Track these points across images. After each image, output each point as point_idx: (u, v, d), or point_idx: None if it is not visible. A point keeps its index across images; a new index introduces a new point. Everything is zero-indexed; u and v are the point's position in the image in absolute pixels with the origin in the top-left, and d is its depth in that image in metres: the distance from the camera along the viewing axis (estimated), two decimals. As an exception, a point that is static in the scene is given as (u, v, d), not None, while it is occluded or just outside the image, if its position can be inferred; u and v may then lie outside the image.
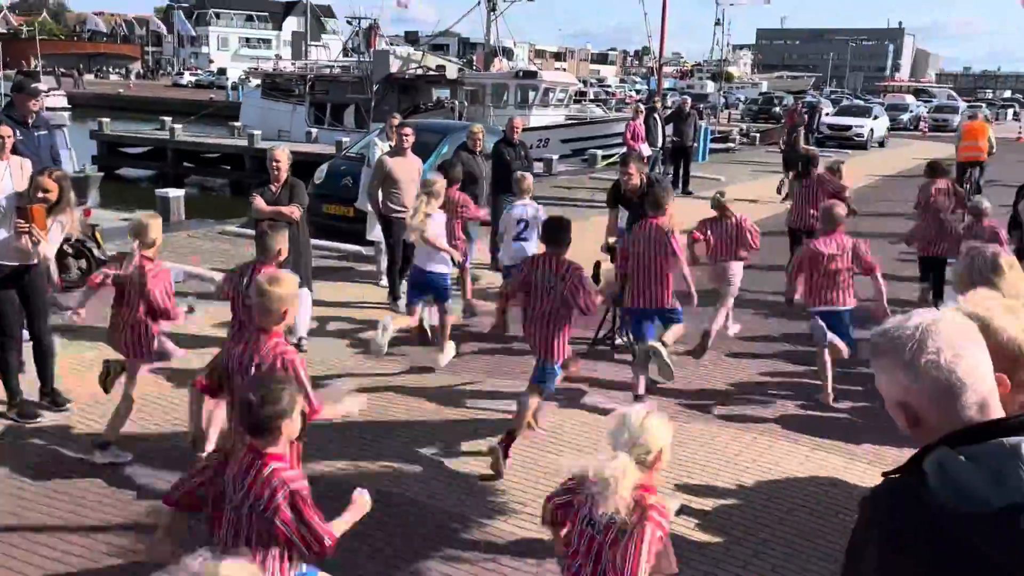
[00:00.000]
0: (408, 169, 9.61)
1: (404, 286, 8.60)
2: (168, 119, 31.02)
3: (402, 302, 9.27)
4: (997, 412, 1.65)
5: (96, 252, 9.32)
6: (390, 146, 10.14)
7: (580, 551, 3.11)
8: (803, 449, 6.29)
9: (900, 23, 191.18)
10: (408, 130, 9.79)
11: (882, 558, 1.63)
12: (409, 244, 9.50)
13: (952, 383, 1.61)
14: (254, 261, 5.78)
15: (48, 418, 6.19)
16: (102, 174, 15.34)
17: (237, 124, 30.70)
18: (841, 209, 7.31)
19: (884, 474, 1.71)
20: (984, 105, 55.52)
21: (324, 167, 14.17)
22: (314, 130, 28.00)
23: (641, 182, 8.29)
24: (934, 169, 10.30)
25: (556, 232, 5.88)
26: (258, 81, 35.92)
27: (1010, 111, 63.59)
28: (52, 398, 6.37)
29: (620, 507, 2.95)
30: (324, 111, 28.95)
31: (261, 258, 5.66)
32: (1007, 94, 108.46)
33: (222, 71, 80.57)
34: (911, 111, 48.43)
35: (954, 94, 70.41)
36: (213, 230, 13.28)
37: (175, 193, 14.81)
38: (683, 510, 5.18)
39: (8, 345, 6.23)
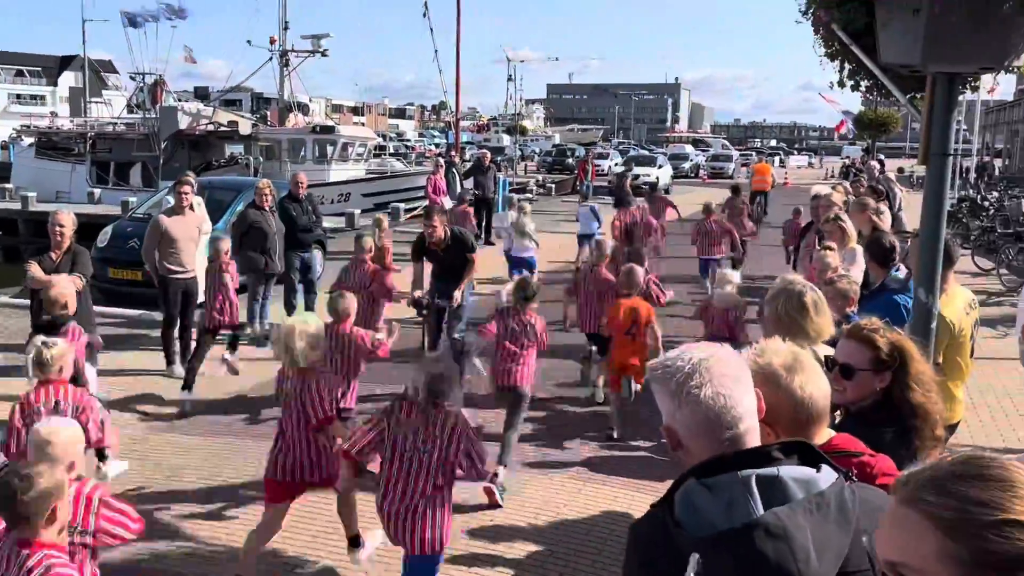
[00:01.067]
0: (187, 228, 9.30)
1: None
2: (-77, 182, 28.32)
3: (177, 367, 8.87)
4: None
5: None
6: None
7: None
8: (608, 489, 6.45)
9: (677, 78, 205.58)
10: (187, 188, 9.43)
11: None
12: (188, 306, 9.13)
13: (709, 417, 1.74)
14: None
15: None
16: None
17: (8, 186, 28.47)
18: None
19: (652, 505, 1.78)
20: (754, 153, 60.50)
21: (108, 229, 13.39)
22: (97, 190, 26.42)
23: (445, 234, 8.41)
24: (736, 190, 15.78)
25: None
26: (32, 139, 33.55)
27: (776, 158, 69.61)
28: None
29: None
30: (107, 170, 27.42)
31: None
32: (773, 143, 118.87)
33: (-11, 129, 74.66)
34: (691, 160, 51.96)
35: (727, 143, 76.27)
36: (-18, 302, 12.16)
37: (-66, 263, 13.48)
38: (497, 561, 5.18)
39: None
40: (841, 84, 4.81)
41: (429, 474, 4.21)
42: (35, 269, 7.15)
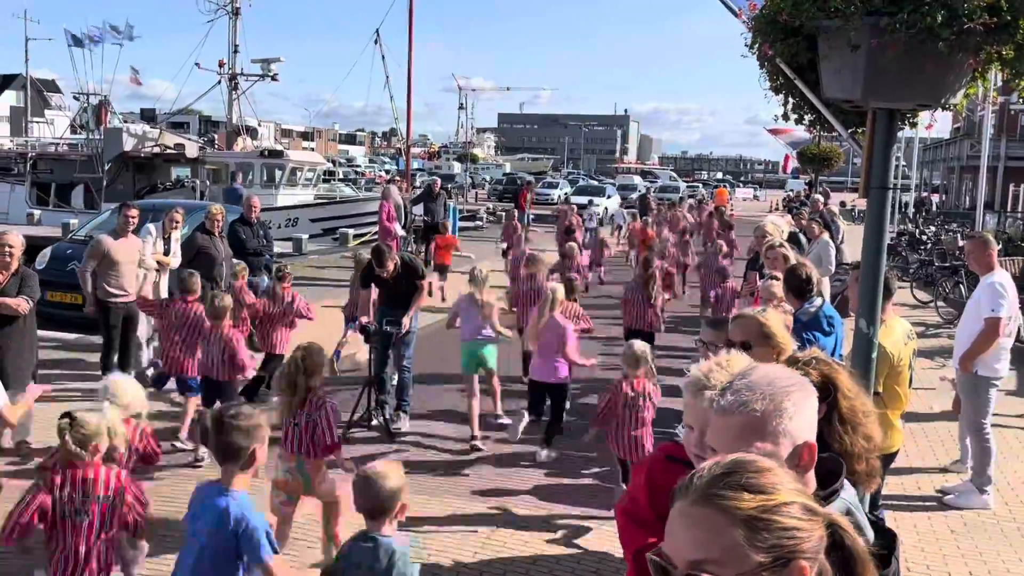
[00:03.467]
0: (129, 251, 9.20)
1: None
2: None
3: None
4: None
5: None
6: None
7: None
8: (554, 517, 6.42)
9: (626, 110, 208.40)
10: (133, 211, 9.33)
11: None
12: (130, 332, 8.99)
13: None
14: None
15: None
16: None
17: (-57, 206, 27.71)
18: None
19: None
20: (701, 185, 61.55)
21: (47, 251, 13.12)
22: (37, 211, 25.85)
23: (395, 266, 8.40)
24: (700, 201, 19.51)
25: None
26: (-31, 159, 32.74)
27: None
28: None
29: None
30: (48, 191, 26.85)
31: None
32: (719, 175, 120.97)
33: (-75, 148, 72.57)
34: (639, 190, 52.52)
35: (675, 175, 77.48)
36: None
37: None
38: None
39: None
40: (786, 117, 4.92)
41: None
42: (-18, 291, 6.93)
